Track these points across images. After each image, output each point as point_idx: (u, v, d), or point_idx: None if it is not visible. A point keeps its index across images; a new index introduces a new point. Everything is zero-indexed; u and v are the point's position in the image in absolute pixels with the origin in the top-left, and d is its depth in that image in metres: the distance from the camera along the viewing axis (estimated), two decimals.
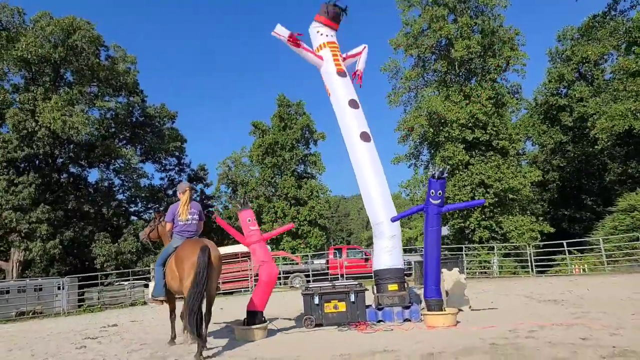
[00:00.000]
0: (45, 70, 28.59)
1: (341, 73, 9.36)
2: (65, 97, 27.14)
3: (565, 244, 19.47)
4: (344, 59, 9.82)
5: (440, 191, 7.07)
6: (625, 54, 26.71)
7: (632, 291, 9.82)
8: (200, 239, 6.42)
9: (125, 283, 22.12)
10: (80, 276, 20.54)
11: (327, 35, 9.74)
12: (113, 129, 33.23)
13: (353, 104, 9.03)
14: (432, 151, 28.67)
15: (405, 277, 8.28)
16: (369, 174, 8.54)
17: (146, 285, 20.68)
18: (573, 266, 20.32)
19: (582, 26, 28.77)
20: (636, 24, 24.69)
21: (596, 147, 28.53)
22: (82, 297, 19.95)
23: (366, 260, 20.96)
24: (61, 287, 18.78)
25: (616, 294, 9.45)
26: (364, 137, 8.75)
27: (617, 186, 31.65)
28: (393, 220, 8.00)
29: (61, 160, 30.86)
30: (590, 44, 28.17)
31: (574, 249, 21.33)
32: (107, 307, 18.50)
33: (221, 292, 20.90)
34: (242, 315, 7.48)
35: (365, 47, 10.15)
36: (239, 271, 21.54)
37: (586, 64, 34.04)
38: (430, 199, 7.11)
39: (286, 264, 24.20)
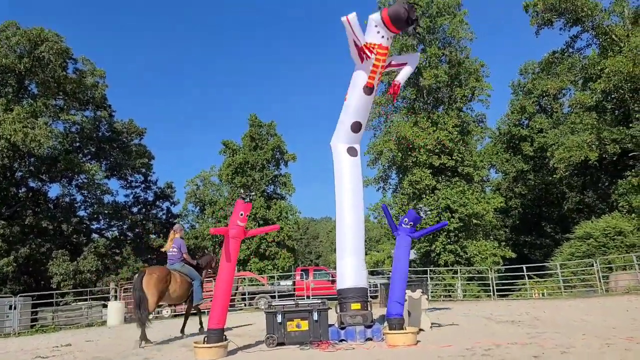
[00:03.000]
0: (9, 80, 27.74)
1: (368, 89, 8.52)
2: (28, 109, 26.31)
3: (525, 269, 20.07)
4: (388, 65, 8.82)
5: (411, 223, 7.81)
6: (581, 89, 28.29)
7: (584, 314, 10.20)
8: (154, 267, 9.42)
9: (83, 303, 21.22)
10: (34, 295, 19.60)
11: (382, 37, 8.24)
12: (78, 143, 32.34)
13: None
14: (400, 175, 29.27)
15: (371, 298, 8.37)
16: (348, 187, 8.63)
17: (105, 306, 19.86)
18: (533, 291, 20.89)
19: (543, 61, 30.38)
20: (591, 61, 26.26)
21: (555, 176, 29.74)
22: (36, 317, 19.00)
23: (333, 281, 20.91)
24: (13, 307, 17.85)
25: (570, 316, 9.79)
26: (351, 151, 8.75)
27: (575, 214, 32.99)
28: (382, 206, 8.93)
29: (20, 173, 29.71)
30: (550, 78, 29.72)
31: (534, 274, 21.97)
32: (61, 327, 17.67)
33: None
34: (204, 334, 7.34)
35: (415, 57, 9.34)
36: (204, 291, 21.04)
37: (546, 97, 35.83)
38: (403, 224, 7.82)
39: (252, 285, 23.87)
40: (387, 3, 27.21)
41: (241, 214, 7.32)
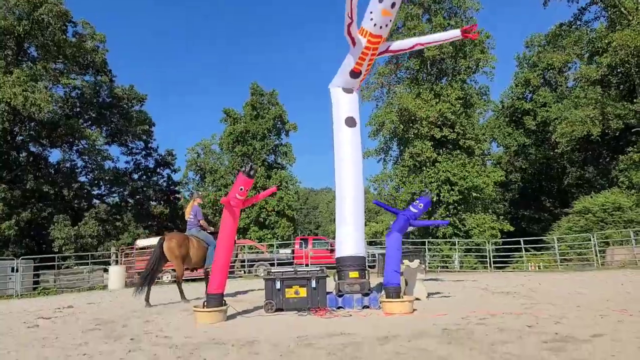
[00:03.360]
0: (8, 43, 27.29)
1: (354, 73, 8.59)
2: (28, 73, 26.02)
3: (522, 242, 20.25)
4: (385, 52, 8.78)
5: (422, 204, 7.95)
6: (587, 63, 27.82)
7: (580, 286, 10.33)
8: (173, 233, 10.05)
9: (84, 267, 21.51)
10: (36, 257, 19.85)
11: (374, 24, 7.96)
12: (78, 109, 32.14)
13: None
14: (402, 147, 29.16)
15: (369, 268, 8.49)
16: (347, 156, 8.60)
17: (105, 270, 20.15)
18: (529, 263, 21.15)
19: (549, 34, 29.80)
20: (599, 34, 25.72)
21: (556, 151, 29.64)
22: (38, 279, 19.30)
23: (331, 251, 21.14)
24: (15, 269, 18.09)
25: (565, 289, 9.93)
26: (350, 122, 8.73)
27: (574, 189, 33.06)
28: (374, 202, 9.37)
29: (21, 138, 29.61)
30: (555, 51, 29.19)
31: (531, 247, 22.18)
32: (63, 290, 17.98)
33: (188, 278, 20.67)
34: (202, 299, 7.47)
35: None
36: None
37: (551, 71, 35.27)
38: (412, 207, 8.00)
39: (251, 253, 24.16)
40: None
41: (241, 189, 7.37)
